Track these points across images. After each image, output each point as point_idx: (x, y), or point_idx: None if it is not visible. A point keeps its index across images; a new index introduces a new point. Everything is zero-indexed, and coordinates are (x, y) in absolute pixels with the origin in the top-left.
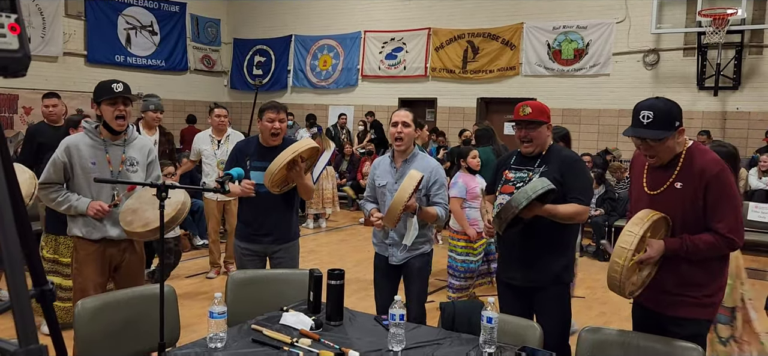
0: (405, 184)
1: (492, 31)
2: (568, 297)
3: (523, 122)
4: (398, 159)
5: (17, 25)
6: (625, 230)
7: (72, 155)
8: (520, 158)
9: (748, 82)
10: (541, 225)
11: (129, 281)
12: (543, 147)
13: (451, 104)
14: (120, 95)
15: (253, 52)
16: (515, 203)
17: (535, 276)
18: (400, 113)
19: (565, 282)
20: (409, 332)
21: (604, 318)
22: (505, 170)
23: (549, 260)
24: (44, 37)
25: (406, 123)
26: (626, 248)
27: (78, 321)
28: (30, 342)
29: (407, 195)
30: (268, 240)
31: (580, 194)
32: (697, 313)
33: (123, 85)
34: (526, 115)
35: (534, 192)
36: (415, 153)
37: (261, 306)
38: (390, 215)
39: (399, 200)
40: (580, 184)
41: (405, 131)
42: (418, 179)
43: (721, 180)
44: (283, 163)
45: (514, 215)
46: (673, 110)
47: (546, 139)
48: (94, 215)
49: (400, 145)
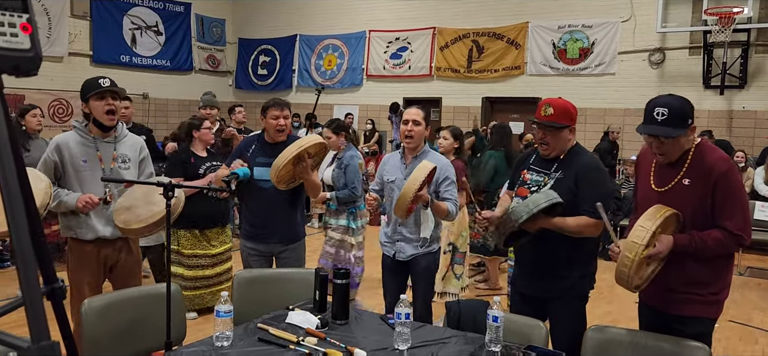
0: (415, 173)
1: (497, 30)
2: (582, 306)
3: (542, 123)
4: (408, 156)
5: (29, 25)
6: (637, 225)
7: (62, 154)
8: (539, 158)
9: (754, 81)
10: (551, 237)
11: (126, 280)
12: (562, 151)
13: (456, 104)
14: (108, 89)
15: (258, 52)
16: (515, 216)
17: (548, 287)
18: (411, 111)
19: (580, 295)
20: (415, 331)
21: (611, 317)
22: (523, 169)
23: (564, 272)
24: (50, 38)
25: (417, 121)
26: (638, 243)
27: (84, 320)
28: (42, 339)
29: (418, 184)
30: (274, 240)
31: (593, 207)
32: (703, 311)
33: (110, 80)
34: (547, 116)
35: (536, 206)
36: (425, 150)
37: (267, 305)
38: (400, 205)
39: (409, 189)
40: (593, 195)
41: (415, 129)
42: (430, 169)
43: (730, 178)
44: (289, 157)
45: (513, 229)
46: (687, 107)
47: (566, 143)
48: (82, 209)
49: (410, 142)
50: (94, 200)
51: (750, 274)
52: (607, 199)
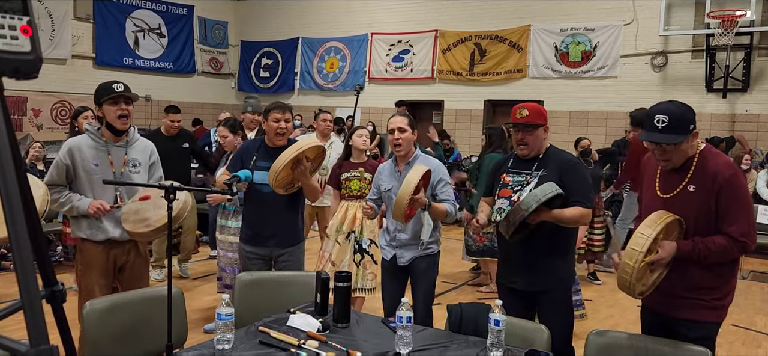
0: (410, 176)
1: (499, 33)
2: (570, 300)
3: (519, 124)
4: (400, 163)
5: (29, 28)
6: (638, 232)
7: (74, 157)
8: (518, 161)
9: (757, 84)
10: (542, 229)
11: (134, 282)
12: (540, 150)
13: (458, 106)
14: (121, 95)
15: (261, 55)
16: (525, 206)
17: (537, 280)
18: (396, 120)
19: (568, 285)
20: (416, 334)
21: (612, 321)
22: (502, 173)
23: (551, 264)
24: (53, 40)
25: (402, 129)
26: (638, 250)
27: (86, 322)
28: (41, 343)
29: (412, 187)
30: (272, 243)
31: (583, 197)
32: (707, 315)
33: (123, 85)
34: (523, 117)
35: (544, 196)
36: (416, 155)
37: (268, 308)
38: (397, 209)
39: (405, 192)
40: (581, 187)
41: (402, 136)
42: (423, 171)
43: (734, 183)
44: (286, 160)
45: (523, 218)
46: (688, 113)
47: (542, 142)
48: (94, 214)
49: (399, 150)
50: (105, 208)
51: (753, 278)
52: (590, 190)
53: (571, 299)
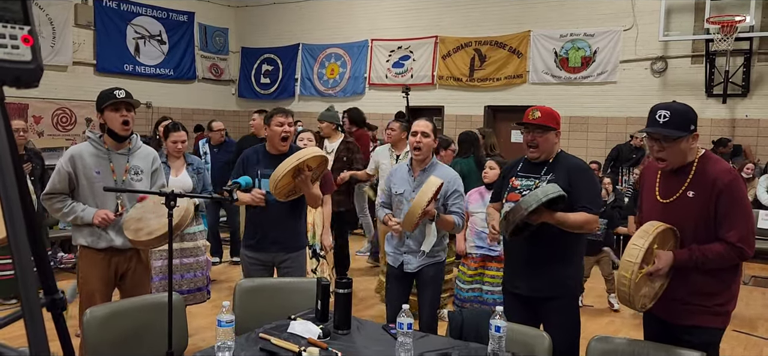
0: (424, 188)
1: (499, 39)
2: (576, 307)
3: (531, 125)
4: (416, 168)
5: (30, 37)
6: (631, 243)
7: (76, 165)
8: (527, 165)
9: (757, 90)
10: (548, 234)
11: (135, 289)
12: (550, 154)
13: (458, 112)
14: (123, 101)
15: (261, 61)
16: (525, 205)
17: (541, 286)
18: (420, 123)
19: (573, 292)
20: (417, 341)
21: (614, 327)
22: (511, 177)
23: (556, 269)
24: (54, 47)
25: (426, 133)
26: (632, 262)
27: (87, 329)
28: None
29: (426, 200)
30: (274, 249)
31: (590, 203)
32: (710, 321)
33: (125, 91)
34: (535, 119)
35: (545, 196)
36: (433, 163)
37: (269, 314)
38: (408, 220)
39: (418, 205)
40: (589, 192)
41: (424, 141)
42: (438, 185)
43: (733, 189)
44: (287, 169)
45: (523, 217)
46: (690, 113)
47: (553, 146)
48: (99, 224)
49: (418, 154)
50: (110, 217)
51: (755, 283)
52: (598, 197)
53: (578, 308)
